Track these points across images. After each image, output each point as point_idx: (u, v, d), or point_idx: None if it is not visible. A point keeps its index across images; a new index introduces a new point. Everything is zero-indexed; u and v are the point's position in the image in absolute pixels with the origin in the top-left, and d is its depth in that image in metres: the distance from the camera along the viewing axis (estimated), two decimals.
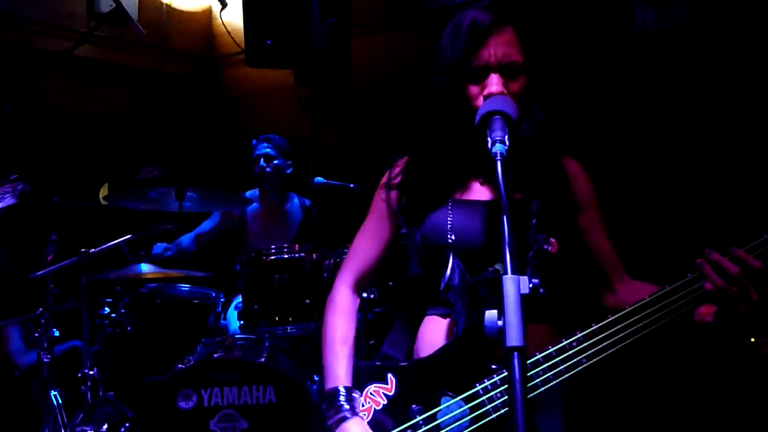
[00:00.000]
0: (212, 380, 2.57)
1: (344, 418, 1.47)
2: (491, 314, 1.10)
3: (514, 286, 1.09)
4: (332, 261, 2.91)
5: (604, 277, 1.61)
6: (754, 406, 2.75)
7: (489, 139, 1.29)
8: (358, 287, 1.68)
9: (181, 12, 5.24)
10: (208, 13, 5.43)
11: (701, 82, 3.39)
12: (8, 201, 2.65)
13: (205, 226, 3.94)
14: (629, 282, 1.60)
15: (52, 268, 2.94)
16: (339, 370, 1.54)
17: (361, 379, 1.54)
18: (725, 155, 3.26)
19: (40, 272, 2.94)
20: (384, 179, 1.67)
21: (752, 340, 2.66)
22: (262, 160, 3.83)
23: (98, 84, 4.84)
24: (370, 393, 1.52)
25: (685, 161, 3.43)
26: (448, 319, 1.55)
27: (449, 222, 1.51)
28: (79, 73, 4.66)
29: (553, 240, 1.43)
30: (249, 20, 3.85)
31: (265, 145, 3.86)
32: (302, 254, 2.90)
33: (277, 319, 2.86)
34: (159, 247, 3.65)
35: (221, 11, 4.90)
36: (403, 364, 1.56)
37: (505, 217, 1.16)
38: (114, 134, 4.56)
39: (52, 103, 4.52)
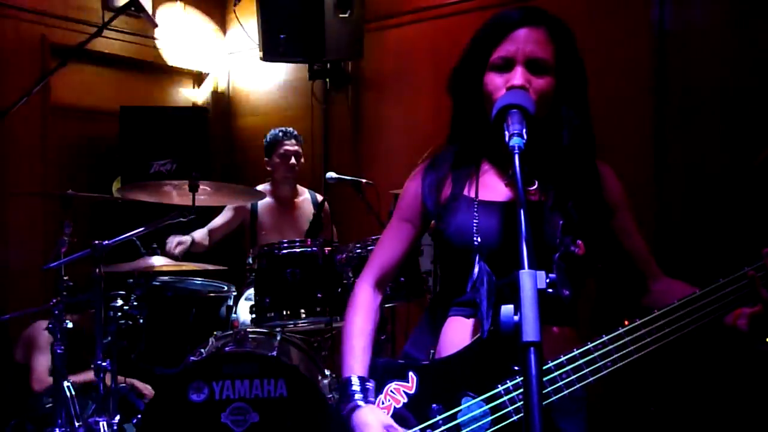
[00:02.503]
0: (224, 373, 2.58)
1: (356, 407, 1.47)
2: (507, 309, 1.09)
3: (530, 280, 1.07)
4: (344, 256, 2.91)
5: (640, 278, 1.61)
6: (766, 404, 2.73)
7: (506, 132, 1.28)
8: (380, 285, 1.68)
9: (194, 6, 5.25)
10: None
11: (718, 79, 3.36)
12: None
13: (218, 221, 3.95)
14: (664, 281, 1.59)
15: (65, 260, 2.95)
16: (352, 361, 1.55)
17: (381, 376, 1.53)
18: (743, 149, 3.23)
19: (54, 264, 2.95)
20: (409, 178, 1.67)
21: (767, 339, 2.63)
22: (293, 157, 3.87)
23: (111, 78, 4.87)
24: (391, 391, 1.51)
25: (700, 157, 3.40)
26: (472, 320, 1.54)
27: (475, 224, 1.50)
28: (92, 67, 4.69)
29: (580, 242, 1.41)
30: (263, 14, 3.85)
31: (294, 141, 3.89)
32: (314, 248, 2.90)
33: (288, 313, 2.86)
34: (171, 241, 3.66)
35: (235, 5, 4.92)
36: (424, 362, 1.55)
37: (521, 212, 1.14)
38: (128, 128, 4.58)
39: (65, 97, 4.54)
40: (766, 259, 1.33)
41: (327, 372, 2.95)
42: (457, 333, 1.56)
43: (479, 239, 1.48)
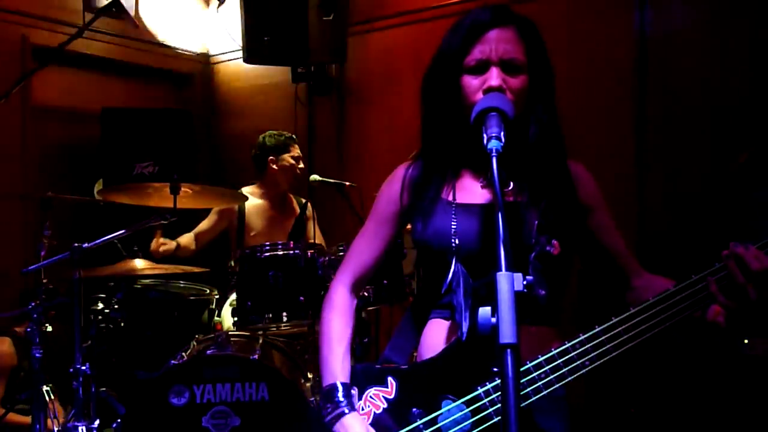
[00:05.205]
0: (205, 377, 2.56)
1: (342, 414, 1.47)
2: (485, 311, 1.09)
3: (507, 282, 1.08)
4: (327, 258, 2.90)
5: (621, 275, 1.61)
6: (747, 406, 2.75)
7: (485, 135, 1.29)
8: (356, 288, 1.68)
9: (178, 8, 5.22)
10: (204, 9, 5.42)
11: (699, 83, 3.40)
12: None
13: (204, 224, 3.93)
14: (646, 277, 1.60)
15: (44, 262, 2.92)
16: (336, 366, 1.54)
17: (360, 382, 1.53)
18: (723, 153, 3.27)
19: (33, 267, 2.92)
20: (386, 181, 1.67)
21: (746, 341, 2.66)
22: (300, 161, 3.88)
23: (93, 80, 4.83)
24: (370, 396, 1.51)
25: (681, 161, 3.44)
26: (450, 322, 1.54)
27: (453, 226, 1.50)
28: (73, 69, 4.65)
29: (555, 242, 1.42)
30: (247, 17, 3.84)
31: (297, 146, 3.91)
32: (297, 251, 2.89)
33: (270, 316, 2.85)
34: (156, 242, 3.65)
35: (218, 7, 4.90)
36: (403, 367, 1.55)
37: (499, 214, 1.15)
38: (109, 130, 4.54)
39: (46, 98, 4.50)
40: (725, 259, 1.35)
41: (309, 375, 2.94)
42: (437, 335, 1.56)
43: (457, 241, 1.48)
